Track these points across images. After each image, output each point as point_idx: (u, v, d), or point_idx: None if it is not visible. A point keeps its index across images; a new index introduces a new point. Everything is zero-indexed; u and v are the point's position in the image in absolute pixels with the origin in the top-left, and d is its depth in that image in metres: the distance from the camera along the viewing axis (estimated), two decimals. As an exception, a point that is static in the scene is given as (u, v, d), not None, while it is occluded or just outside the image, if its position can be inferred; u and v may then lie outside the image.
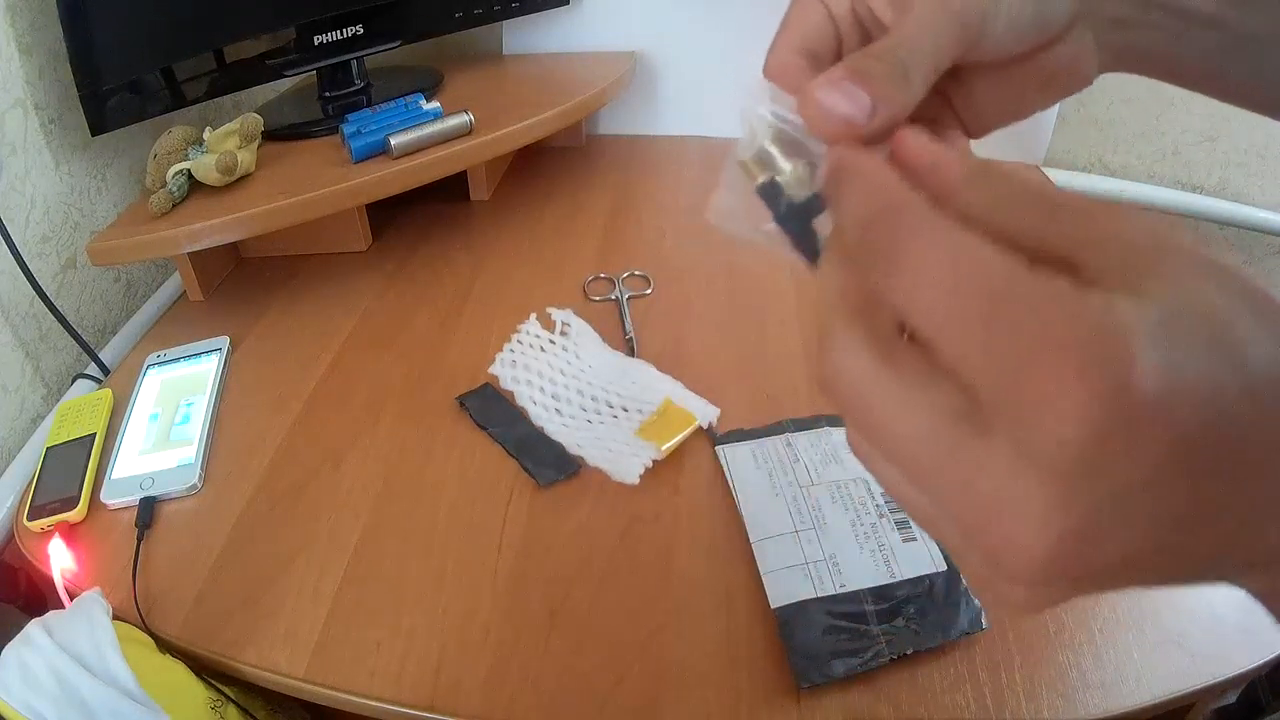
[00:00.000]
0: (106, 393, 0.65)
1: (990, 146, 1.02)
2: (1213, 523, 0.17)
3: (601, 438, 0.58)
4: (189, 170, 0.71)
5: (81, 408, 0.63)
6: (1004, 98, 0.30)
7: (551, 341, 0.66)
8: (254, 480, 0.57)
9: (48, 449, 0.60)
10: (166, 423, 0.62)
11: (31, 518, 0.54)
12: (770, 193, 0.24)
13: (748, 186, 0.24)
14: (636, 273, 0.77)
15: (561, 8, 1.00)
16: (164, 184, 0.71)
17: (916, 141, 0.20)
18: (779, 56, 0.28)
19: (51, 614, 0.44)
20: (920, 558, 0.48)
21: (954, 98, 0.30)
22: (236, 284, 0.81)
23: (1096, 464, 0.16)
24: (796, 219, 0.24)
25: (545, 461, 0.56)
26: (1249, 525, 0.17)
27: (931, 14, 0.24)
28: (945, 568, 0.47)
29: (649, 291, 0.74)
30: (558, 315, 0.68)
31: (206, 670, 0.47)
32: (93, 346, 0.71)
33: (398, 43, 0.89)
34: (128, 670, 0.42)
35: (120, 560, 0.52)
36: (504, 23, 1.05)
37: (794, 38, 0.28)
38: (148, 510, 0.54)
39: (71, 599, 0.46)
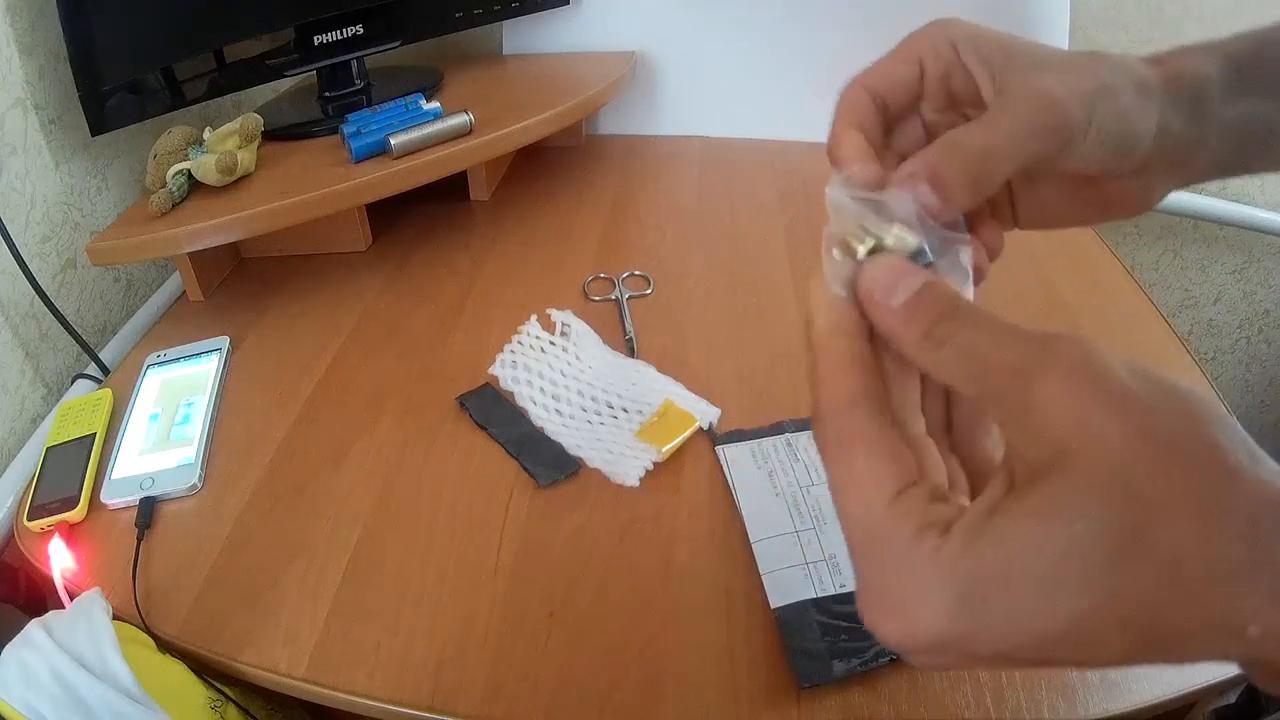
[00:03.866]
0: (106, 393, 0.65)
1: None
2: None
3: (602, 439, 0.58)
4: (189, 170, 0.71)
5: (81, 408, 0.63)
6: (1063, 207, 0.31)
7: (552, 343, 0.66)
8: (254, 480, 0.57)
9: (48, 449, 0.60)
10: (166, 423, 0.62)
11: (31, 518, 0.54)
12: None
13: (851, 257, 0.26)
14: (636, 273, 0.77)
15: (561, 8, 1.01)
16: (164, 184, 0.71)
17: (905, 288, 0.23)
18: (838, 132, 0.31)
19: (51, 614, 0.44)
20: (920, 558, 0.48)
21: (1017, 192, 0.32)
22: (236, 284, 0.81)
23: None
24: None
25: (545, 461, 0.56)
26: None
27: (1028, 119, 0.26)
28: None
29: (649, 291, 0.74)
30: (558, 316, 0.68)
31: (206, 670, 0.47)
32: (93, 346, 0.71)
33: (398, 43, 0.89)
34: (127, 670, 0.41)
35: (120, 560, 0.52)
36: (504, 23, 1.05)
37: (860, 103, 0.31)
38: (148, 510, 0.54)
39: (71, 599, 0.46)
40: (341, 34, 0.84)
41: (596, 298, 0.74)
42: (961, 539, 0.20)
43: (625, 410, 0.60)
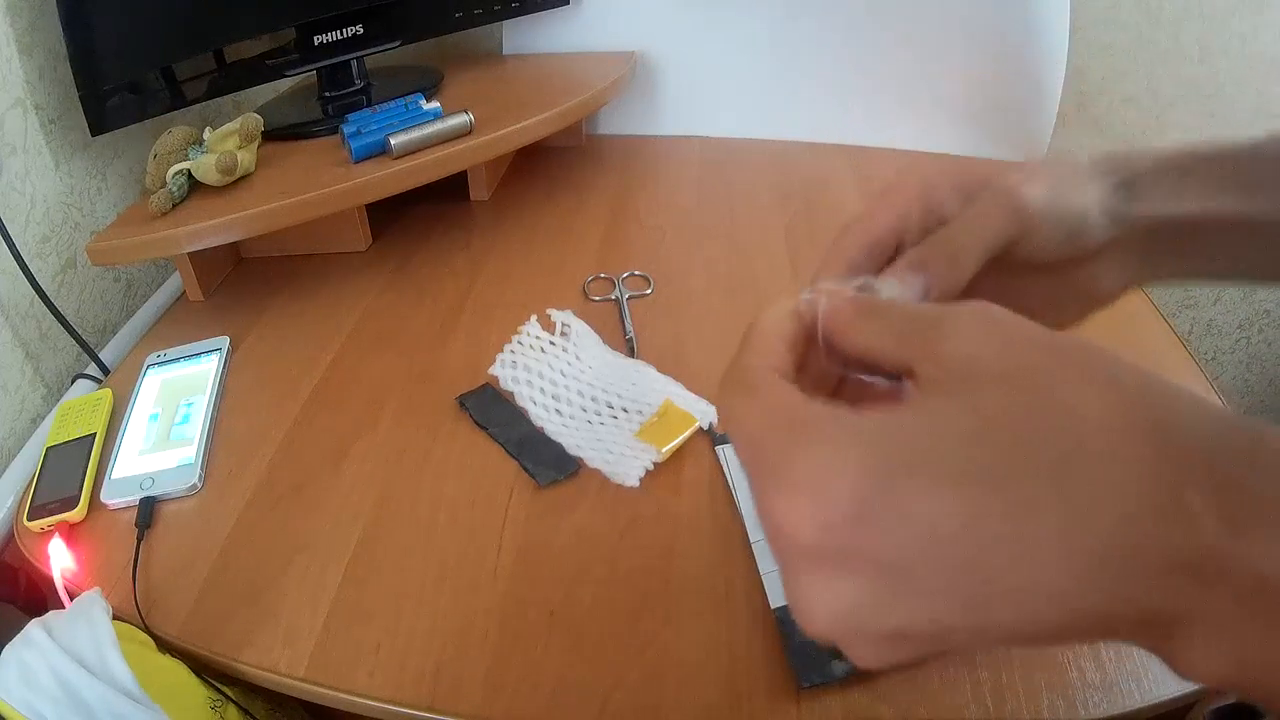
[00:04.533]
0: (106, 393, 0.65)
1: (992, 148, 1.02)
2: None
3: (602, 439, 0.58)
4: (189, 170, 0.71)
5: (81, 408, 0.63)
6: (1046, 301, 0.34)
7: (552, 343, 0.66)
8: (254, 480, 0.57)
9: (48, 449, 0.60)
10: (166, 423, 0.62)
11: (31, 518, 0.54)
12: None
13: None
14: (636, 273, 0.77)
15: (561, 8, 1.01)
16: (164, 184, 0.71)
17: (827, 300, 0.25)
18: (830, 270, 0.33)
19: (51, 614, 0.44)
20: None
21: (1005, 293, 0.35)
22: (236, 284, 0.81)
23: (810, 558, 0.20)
24: None
25: (545, 461, 0.56)
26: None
27: (994, 205, 0.30)
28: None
29: (649, 291, 0.74)
30: (558, 316, 0.68)
31: (206, 670, 0.47)
32: (93, 346, 0.71)
33: (398, 43, 0.89)
34: (127, 670, 0.41)
35: (120, 560, 0.52)
36: (504, 23, 1.05)
37: (851, 247, 0.33)
38: (148, 510, 0.54)
39: (71, 599, 0.46)
40: (341, 34, 0.84)
41: (596, 298, 0.74)
42: (875, 418, 0.20)
43: (625, 410, 0.60)
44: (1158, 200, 0.32)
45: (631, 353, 0.66)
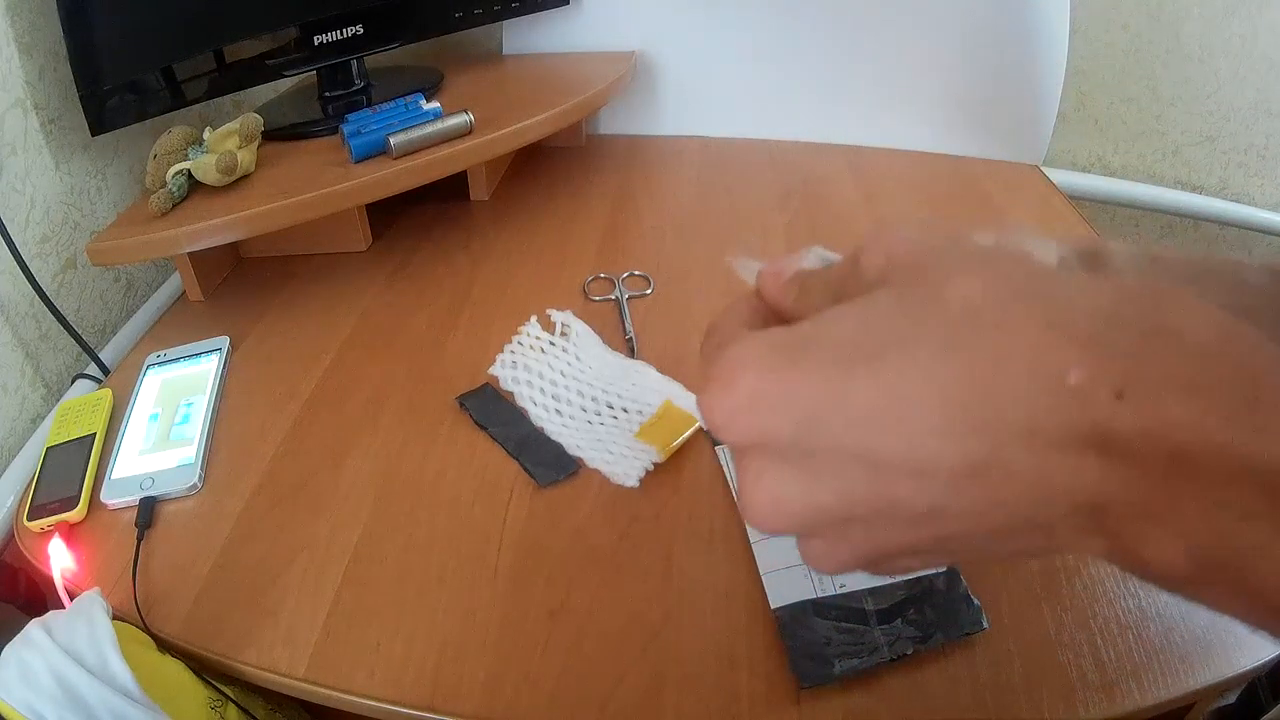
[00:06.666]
0: (106, 393, 0.65)
1: (992, 148, 1.02)
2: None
3: (602, 440, 0.58)
4: (189, 170, 0.71)
5: (81, 408, 0.63)
6: None
7: (552, 343, 0.66)
8: (254, 480, 0.57)
9: (48, 449, 0.60)
10: (166, 423, 0.62)
11: (31, 518, 0.54)
12: None
13: None
14: (636, 273, 0.77)
15: (561, 8, 1.01)
16: (164, 184, 0.71)
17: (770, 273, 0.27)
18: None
19: (51, 614, 0.44)
20: (920, 558, 0.48)
21: None
22: (236, 284, 0.81)
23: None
24: None
25: (545, 461, 0.56)
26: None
27: None
28: (945, 568, 0.47)
29: (649, 291, 0.74)
30: (558, 317, 0.68)
31: (206, 670, 0.47)
32: (93, 346, 0.71)
33: (398, 43, 0.89)
34: (127, 670, 0.41)
35: (120, 560, 0.52)
36: (504, 23, 1.05)
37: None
38: (148, 510, 0.54)
39: (71, 599, 0.46)
40: (341, 34, 0.84)
41: (596, 298, 0.74)
42: (784, 326, 0.22)
43: (625, 410, 0.60)
44: (1121, 274, 0.34)
45: (631, 353, 0.66)
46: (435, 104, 0.80)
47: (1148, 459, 0.17)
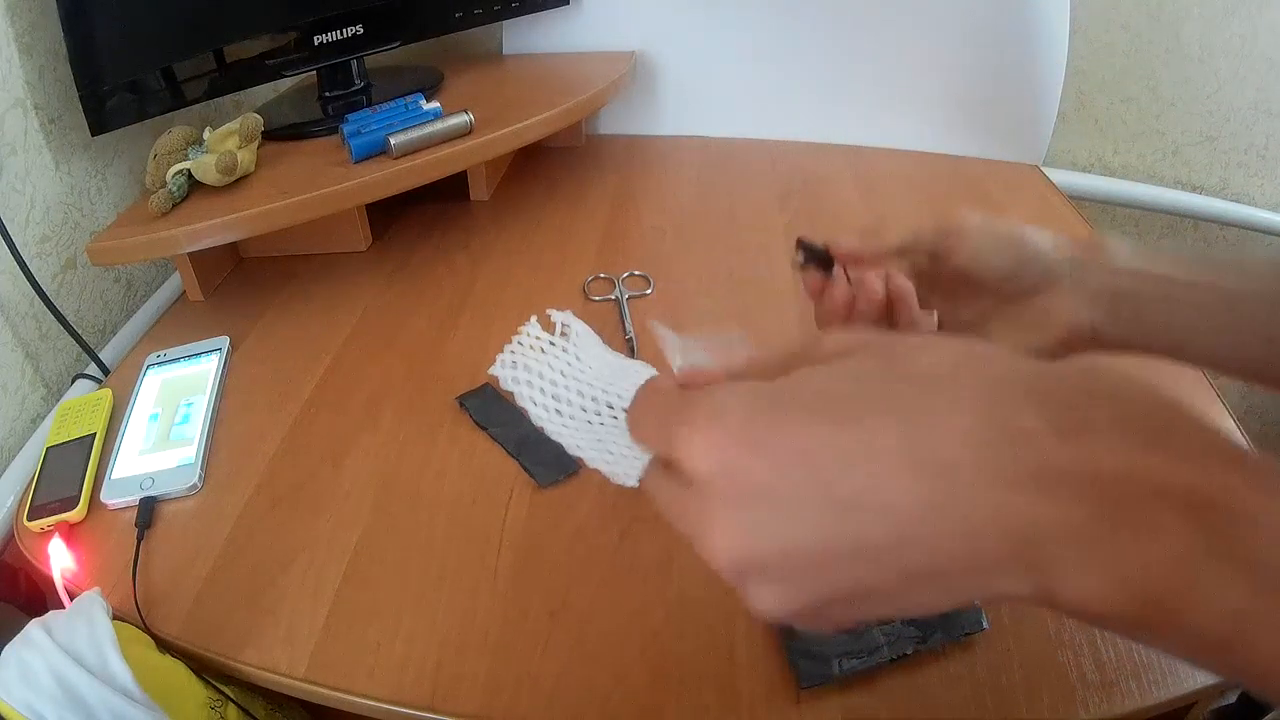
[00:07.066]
0: (106, 393, 0.65)
1: (992, 148, 1.02)
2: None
3: (602, 439, 0.58)
4: (189, 170, 0.71)
5: (81, 408, 0.63)
6: (1008, 329, 0.41)
7: (552, 343, 0.66)
8: (254, 480, 0.57)
9: (48, 449, 0.60)
10: (166, 423, 0.62)
11: (31, 518, 0.54)
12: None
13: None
14: (636, 273, 0.77)
15: (561, 8, 1.01)
16: (164, 184, 0.71)
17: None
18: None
19: (51, 614, 0.44)
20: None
21: (979, 317, 0.42)
22: (236, 284, 0.81)
23: (715, 485, 0.22)
24: None
25: (545, 462, 0.56)
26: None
27: (926, 221, 0.40)
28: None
29: (649, 291, 0.74)
30: (557, 317, 0.68)
31: (206, 670, 0.47)
32: (93, 346, 0.71)
33: (398, 43, 0.89)
34: (127, 670, 0.41)
35: (120, 560, 0.52)
36: (504, 23, 1.05)
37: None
38: (148, 510, 0.54)
39: (71, 599, 0.46)
40: (341, 34, 0.84)
41: (596, 298, 0.74)
42: (759, 381, 0.24)
43: (625, 410, 0.60)
44: (1119, 259, 0.38)
45: (631, 353, 0.66)
46: (435, 104, 0.80)
47: (1084, 489, 0.19)
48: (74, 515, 0.54)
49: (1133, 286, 0.37)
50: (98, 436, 0.60)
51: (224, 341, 0.70)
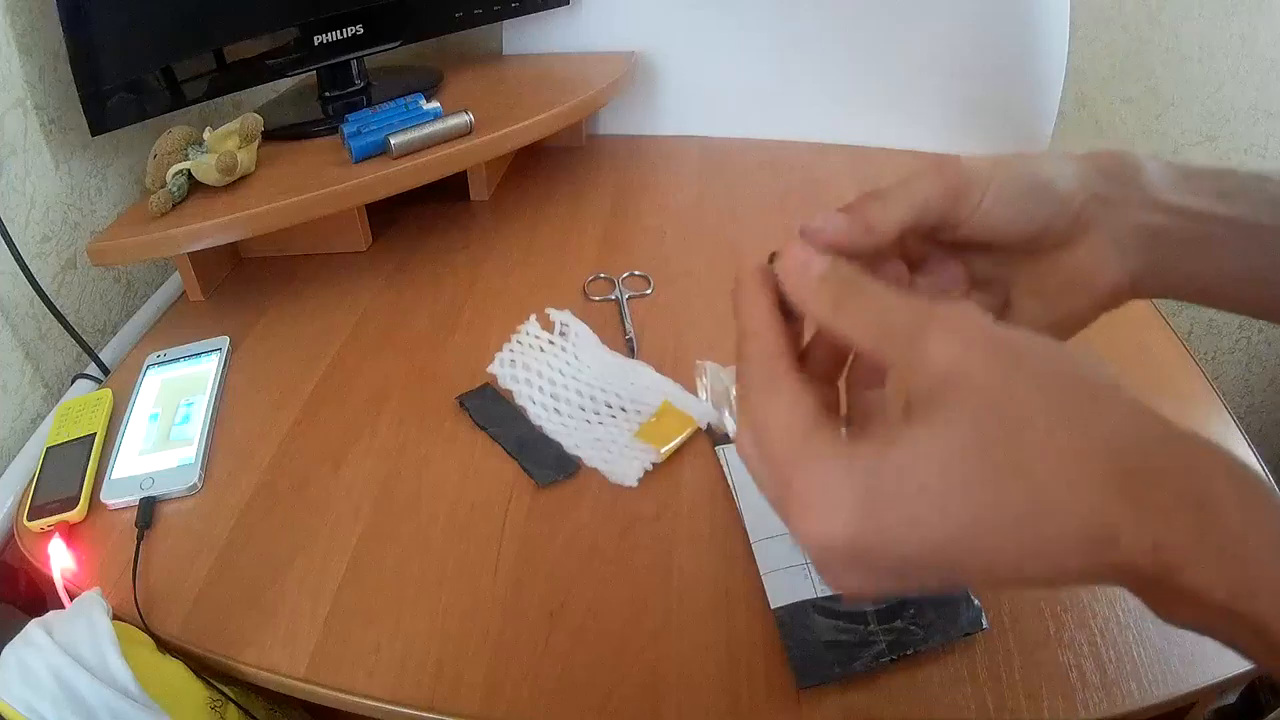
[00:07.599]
0: (106, 393, 0.65)
1: (992, 148, 1.02)
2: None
3: (601, 439, 0.58)
4: (189, 170, 0.71)
5: (81, 408, 0.63)
6: (1035, 290, 0.35)
7: (551, 342, 0.66)
8: (254, 480, 0.57)
9: (48, 449, 0.60)
10: (166, 423, 0.62)
11: (31, 518, 0.54)
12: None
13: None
14: (636, 273, 0.77)
15: (561, 8, 1.01)
16: (164, 184, 0.71)
17: (799, 248, 0.29)
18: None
19: (51, 614, 0.44)
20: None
21: (995, 282, 0.36)
22: (236, 284, 0.81)
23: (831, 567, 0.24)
24: None
25: (544, 462, 0.56)
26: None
27: (923, 173, 0.32)
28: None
29: (649, 291, 0.74)
30: (557, 316, 0.68)
31: (206, 670, 0.47)
32: (93, 346, 0.71)
33: (398, 43, 0.89)
34: (127, 670, 0.41)
35: (120, 560, 0.52)
36: (504, 23, 1.05)
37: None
38: (148, 510, 0.54)
39: (71, 599, 0.46)
40: (342, 34, 0.84)
41: (596, 298, 0.74)
42: (866, 454, 0.23)
43: (624, 410, 0.60)
44: (1153, 189, 0.33)
45: (631, 353, 0.66)
46: (435, 104, 0.80)
47: (1155, 585, 0.21)
48: (74, 515, 0.54)
49: (1171, 225, 0.33)
50: (98, 436, 0.60)
51: (224, 341, 0.70)
